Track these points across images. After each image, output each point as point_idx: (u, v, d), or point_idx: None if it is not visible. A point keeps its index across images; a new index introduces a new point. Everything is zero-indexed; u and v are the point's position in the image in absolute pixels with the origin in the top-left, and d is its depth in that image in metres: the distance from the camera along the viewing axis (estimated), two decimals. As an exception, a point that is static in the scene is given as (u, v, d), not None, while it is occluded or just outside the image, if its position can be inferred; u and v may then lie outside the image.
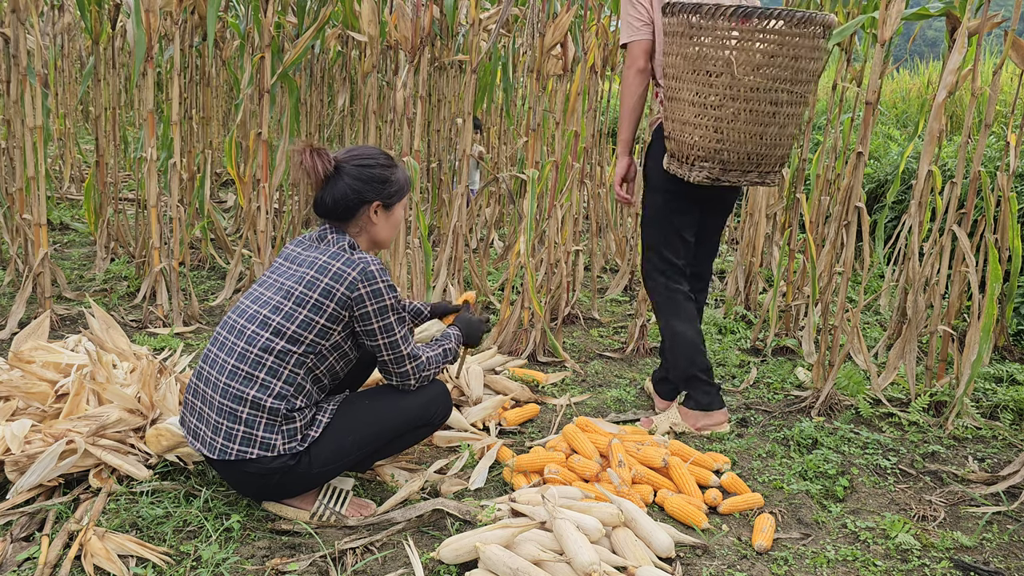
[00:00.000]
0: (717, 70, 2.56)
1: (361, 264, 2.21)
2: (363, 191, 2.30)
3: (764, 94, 2.58)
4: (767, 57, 2.54)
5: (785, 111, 2.64)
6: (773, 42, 2.53)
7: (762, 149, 2.68)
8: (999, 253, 3.48)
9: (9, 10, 3.77)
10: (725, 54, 2.53)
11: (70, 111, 8.38)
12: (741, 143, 2.65)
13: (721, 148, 2.65)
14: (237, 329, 2.22)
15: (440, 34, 5.33)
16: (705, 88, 2.60)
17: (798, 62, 2.57)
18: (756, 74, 2.55)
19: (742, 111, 2.59)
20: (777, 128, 2.66)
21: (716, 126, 2.63)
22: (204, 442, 2.20)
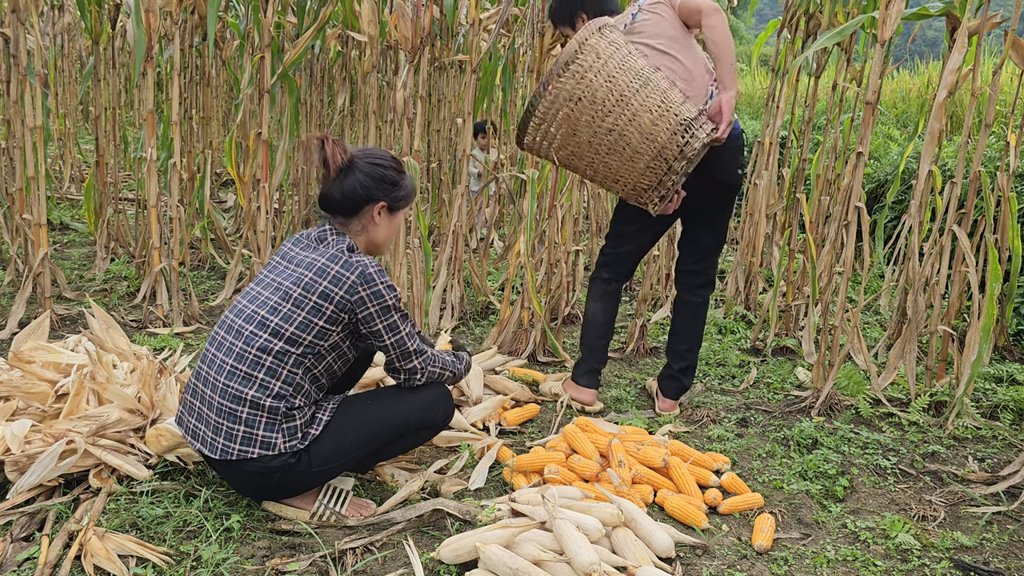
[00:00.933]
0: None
1: (359, 267, 2.22)
2: (372, 189, 2.31)
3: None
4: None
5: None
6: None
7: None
8: (999, 253, 3.48)
9: (9, 10, 3.77)
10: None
11: (70, 111, 8.38)
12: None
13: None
14: (235, 329, 2.22)
15: (440, 34, 5.33)
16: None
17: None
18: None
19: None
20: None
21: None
22: (204, 442, 2.20)
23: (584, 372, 3.21)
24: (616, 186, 2.83)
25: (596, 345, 3.20)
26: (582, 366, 3.23)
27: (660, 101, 2.66)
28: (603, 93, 2.67)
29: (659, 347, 4.10)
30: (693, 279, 3.18)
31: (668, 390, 3.25)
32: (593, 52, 2.67)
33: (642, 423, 3.09)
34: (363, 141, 6.22)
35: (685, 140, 2.64)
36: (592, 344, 3.21)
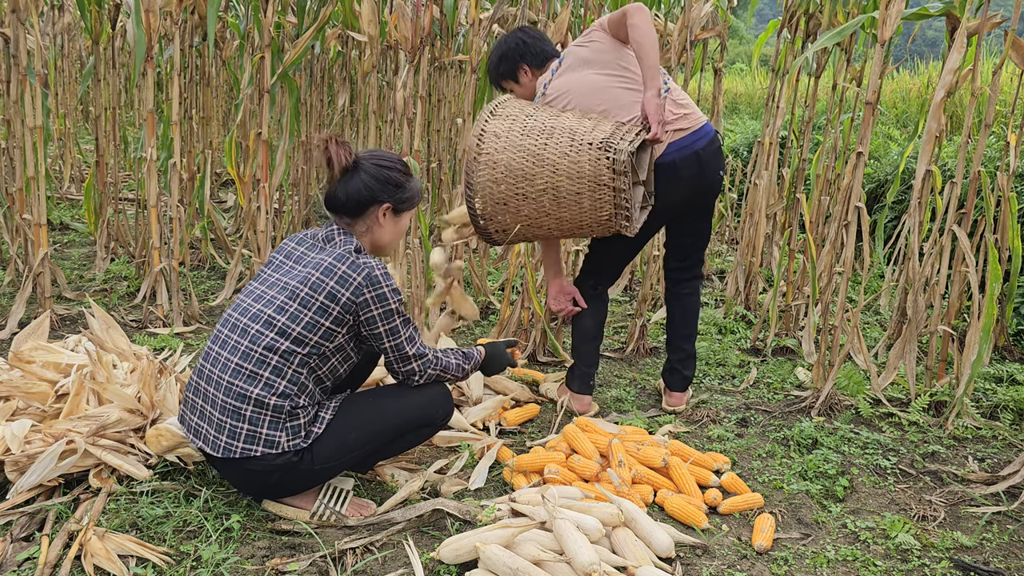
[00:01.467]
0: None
1: (366, 269, 2.22)
2: (377, 190, 2.32)
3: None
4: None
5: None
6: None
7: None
8: (999, 253, 3.48)
9: (9, 10, 3.77)
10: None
11: (70, 111, 8.38)
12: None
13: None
14: (240, 327, 2.22)
15: (440, 34, 5.33)
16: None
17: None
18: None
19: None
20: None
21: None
22: (207, 440, 2.20)
23: (576, 377, 3.20)
24: (585, 230, 2.86)
25: (586, 349, 3.20)
26: (574, 371, 3.22)
27: (570, 140, 2.69)
28: (519, 164, 2.73)
29: (659, 347, 4.10)
30: (681, 275, 3.22)
31: (673, 383, 3.27)
32: (492, 135, 2.78)
33: (642, 423, 3.09)
34: (363, 141, 6.23)
35: (610, 158, 2.63)
36: (582, 348, 3.20)
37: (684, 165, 2.85)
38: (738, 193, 7.48)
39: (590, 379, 3.21)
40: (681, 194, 2.91)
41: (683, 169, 2.85)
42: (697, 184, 2.93)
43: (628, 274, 5.20)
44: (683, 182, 2.87)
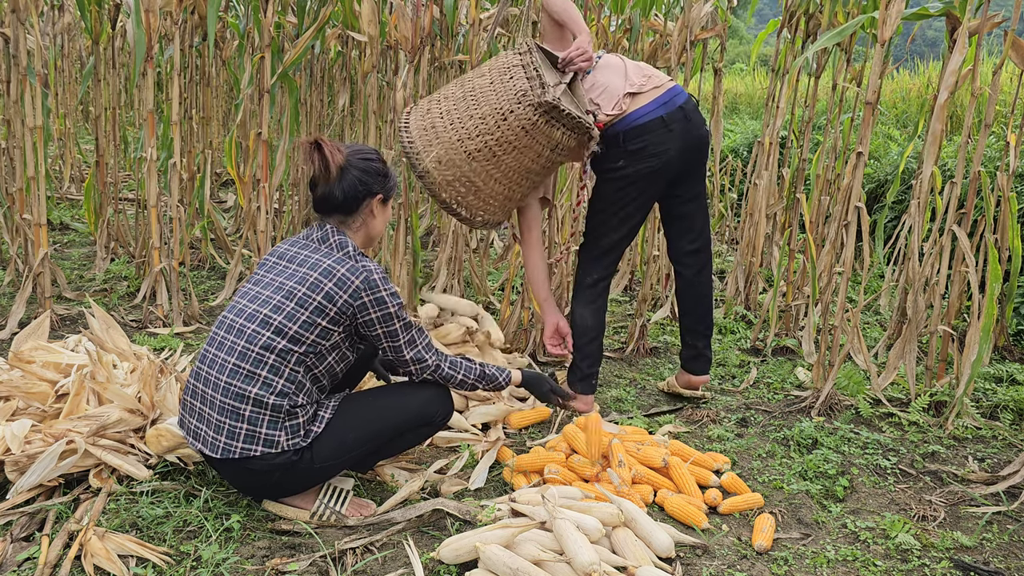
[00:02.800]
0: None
1: (364, 273, 2.23)
2: (369, 183, 2.35)
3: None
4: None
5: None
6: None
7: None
8: (999, 253, 3.49)
9: (9, 10, 3.77)
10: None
11: (70, 111, 8.37)
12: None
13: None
14: (236, 328, 2.22)
15: (440, 34, 5.33)
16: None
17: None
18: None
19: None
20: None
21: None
22: (206, 442, 2.20)
23: (579, 379, 3.16)
24: (545, 172, 2.93)
25: (589, 348, 3.16)
26: (576, 373, 3.18)
27: (493, 91, 2.80)
28: (447, 135, 2.82)
29: (659, 347, 4.10)
30: (694, 259, 3.17)
31: (700, 368, 3.27)
32: (408, 135, 2.87)
33: (642, 423, 3.09)
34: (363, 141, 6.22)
35: (537, 86, 2.72)
36: (585, 347, 3.16)
37: (671, 119, 2.88)
38: (738, 193, 7.48)
39: (593, 379, 3.19)
40: (676, 147, 2.91)
41: (672, 123, 2.88)
42: (688, 137, 2.93)
43: (628, 274, 5.20)
44: (675, 135, 2.89)
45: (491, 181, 2.87)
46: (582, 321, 3.16)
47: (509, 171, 2.85)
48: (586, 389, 3.17)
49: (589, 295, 3.14)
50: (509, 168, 2.84)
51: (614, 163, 2.93)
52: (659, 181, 2.97)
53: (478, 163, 2.81)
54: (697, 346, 3.26)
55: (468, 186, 2.86)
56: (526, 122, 2.73)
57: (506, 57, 2.84)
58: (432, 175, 2.84)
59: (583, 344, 3.16)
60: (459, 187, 2.87)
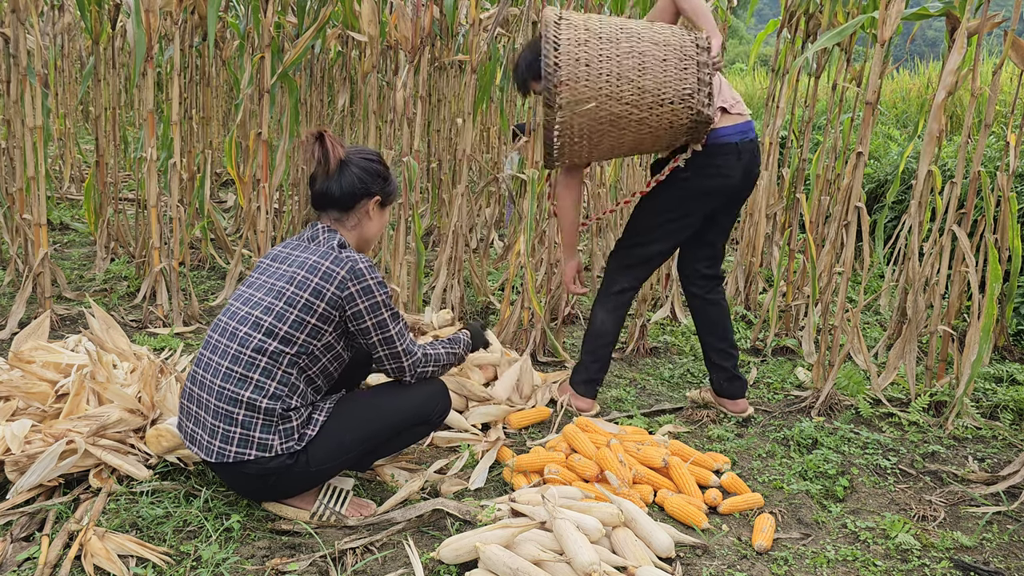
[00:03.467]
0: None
1: (349, 263, 2.22)
2: (369, 183, 2.35)
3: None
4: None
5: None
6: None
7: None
8: (999, 253, 3.48)
9: (9, 10, 3.77)
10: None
11: (70, 111, 8.37)
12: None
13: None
14: (229, 332, 2.22)
15: (440, 34, 5.33)
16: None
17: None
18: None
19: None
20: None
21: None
22: (202, 446, 2.20)
23: (583, 380, 3.17)
24: (640, 152, 2.83)
25: (602, 354, 3.16)
26: (583, 373, 3.18)
27: (663, 70, 2.69)
28: (601, 104, 2.68)
29: (659, 347, 4.10)
30: (711, 282, 3.16)
31: (737, 391, 3.21)
32: (556, 53, 2.68)
33: (642, 423, 3.09)
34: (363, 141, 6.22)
35: (704, 96, 2.70)
36: (597, 353, 3.16)
37: (744, 149, 2.89)
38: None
39: (597, 384, 3.19)
40: (739, 176, 2.92)
41: (743, 153, 2.89)
42: (749, 171, 2.95)
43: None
44: (741, 165, 2.90)
45: (604, 140, 2.77)
46: (601, 326, 3.13)
47: (624, 142, 2.79)
48: (589, 392, 3.17)
49: (613, 302, 3.12)
50: (627, 140, 2.77)
51: (683, 171, 2.91)
52: (712, 203, 2.97)
53: (609, 125, 2.72)
54: (727, 367, 3.18)
55: (583, 136, 2.75)
56: (676, 120, 2.70)
57: (684, 40, 2.70)
58: (563, 111, 2.68)
59: (596, 347, 3.15)
60: (575, 132, 2.74)
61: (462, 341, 2.60)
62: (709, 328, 3.19)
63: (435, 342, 2.52)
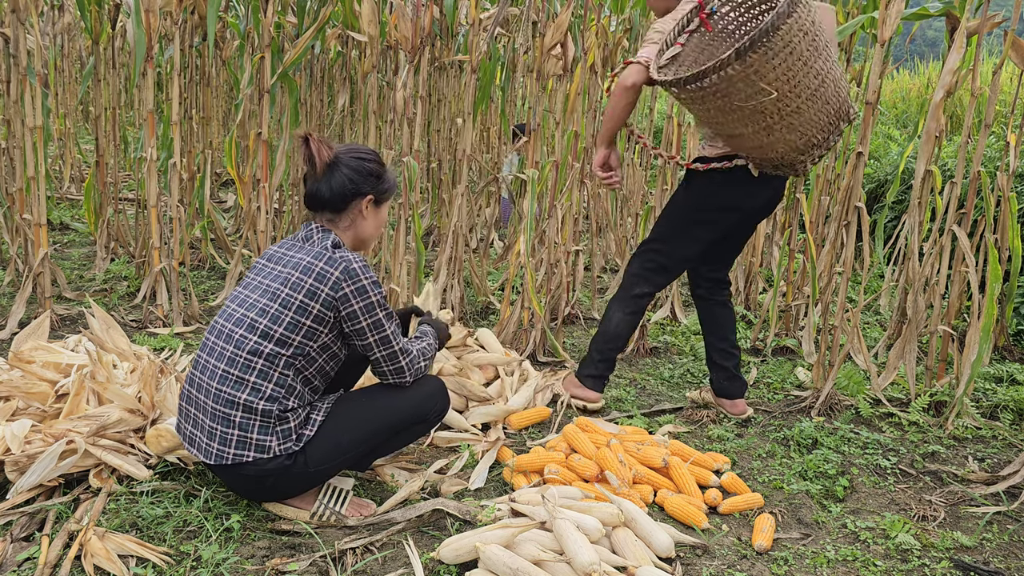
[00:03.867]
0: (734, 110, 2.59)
1: (343, 263, 2.21)
2: (360, 183, 2.31)
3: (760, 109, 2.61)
4: (743, 93, 2.57)
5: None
6: (741, 81, 2.55)
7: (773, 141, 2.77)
8: (999, 253, 3.49)
9: (9, 10, 3.77)
10: (728, 103, 2.57)
11: (70, 111, 8.37)
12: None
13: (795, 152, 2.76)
14: (225, 334, 2.21)
15: (440, 34, 5.33)
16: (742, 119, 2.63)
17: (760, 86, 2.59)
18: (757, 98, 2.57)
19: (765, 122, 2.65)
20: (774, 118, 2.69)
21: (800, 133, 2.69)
22: (201, 448, 2.20)
23: (590, 375, 3.16)
24: (792, 136, 2.68)
25: (610, 356, 3.16)
26: (590, 369, 3.17)
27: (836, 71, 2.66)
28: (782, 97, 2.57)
29: (659, 347, 4.10)
30: (719, 285, 3.17)
31: (736, 390, 3.21)
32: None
33: (642, 423, 3.09)
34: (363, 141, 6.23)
35: (849, 106, 2.72)
36: (606, 354, 3.15)
37: (776, 179, 2.92)
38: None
39: (604, 380, 3.20)
40: (763, 201, 2.96)
41: (775, 181, 2.93)
42: (772, 198, 2.98)
43: (628, 274, 5.19)
44: (769, 192, 2.93)
45: (727, 115, 2.65)
46: (616, 328, 3.11)
47: (734, 130, 2.69)
48: (596, 386, 3.18)
49: (632, 306, 3.09)
50: (737, 130, 2.68)
51: (718, 178, 2.89)
52: (732, 218, 2.96)
53: (749, 110, 2.58)
54: (727, 367, 3.18)
55: (723, 95, 2.60)
56: (785, 154, 2.70)
57: (844, 103, 2.69)
58: (738, 68, 2.47)
59: (607, 349, 3.14)
60: (723, 89, 2.56)
61: (431, 333, 2.60)
62: (712, 328, 3.19)
63: (411, 339, 2.51)
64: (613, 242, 5.89)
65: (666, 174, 4.36)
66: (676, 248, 3.04)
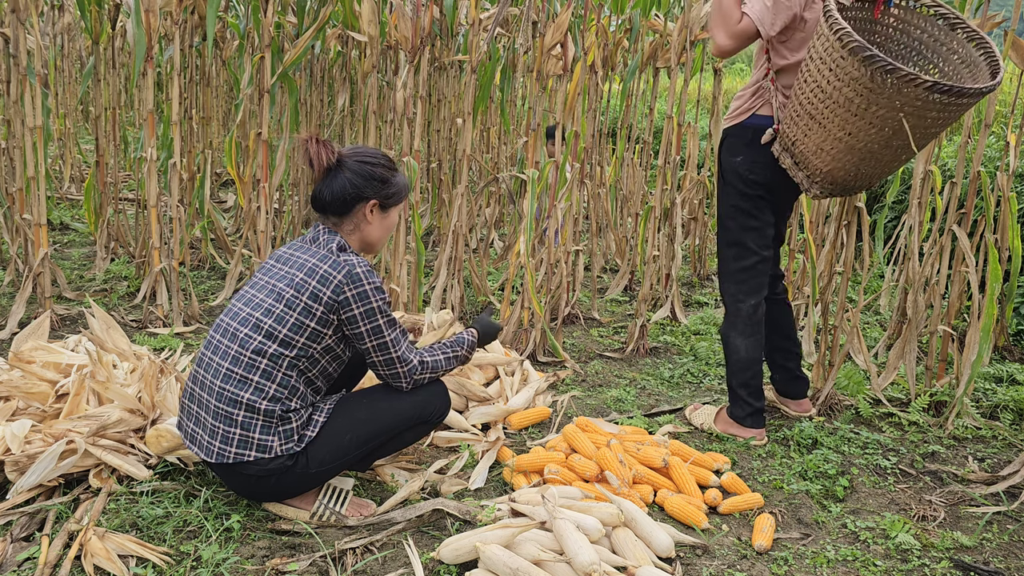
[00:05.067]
0: (881, 124, 2.45)
1: (347, 267, 2.20)
2: (362, 187, 2.30)
3: (913, 141, 2.51)
4: (936, 121, 2.45)
5: (910, 155, 2.61)
6: (949, 110, 2.43)
7: (883, 174, 2.70)
8: (999, 253, 3.49)
9: (9, 10, 3.77)
10: (899, 116, 2.42)
11: (70, 111, 8.37)
12: (870, 176, 2.66)
13: (850, 179, 2.65)
14: (230, 332, 2.21)
15: (440, 34, 5.33)
16: (860, 133, 2.49)
17: (948, 122, 2.51)
18: (919, 134, 2.47)
19: (888, 155, 2.56)
20: (905, 158, 2.64)
21: (857, 164, 2.58)
22: (201, 446, 2.20)
23: (749, 414, 2.96)
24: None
25: (754, 384, 2.95)
26: (744, 408, 2.96)
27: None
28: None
29: (659, 347, 4.10)
30: (774, 280, 3.09)
31: (801, 390, 3.17)
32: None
33: (642, 423, 3.09)
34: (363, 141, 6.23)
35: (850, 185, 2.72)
36: (750, 384, 2.94)
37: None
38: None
39: (763, 411, 2.99)
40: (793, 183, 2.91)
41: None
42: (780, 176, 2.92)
43: (628, 274, 5.20)
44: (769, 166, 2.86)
45: (818, 122, 2.57)
46: (746, 354, 2.93)
47: (810, 126, 2.61)
48: (756, 422, 2.98)
49: (744, 324, 2.93)
50: (813, 129, 2.61)
51: (742, 162, 2.84)
52: (795, 189, 2.89)
53: (839, 108, 2.49)
54: (789, 367, 3.14)
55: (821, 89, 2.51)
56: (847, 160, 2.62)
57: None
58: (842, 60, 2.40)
59: (747, 379, 2.94)
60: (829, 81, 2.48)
61: (466, 341, 2.54)
62: (772, 327, 3.10)
63: (435, 346, 2.48)
64: (613, 242, 5.89)
65: (666, 174, 4.36)
66: (757, 245, 2.94)
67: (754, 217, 2.87)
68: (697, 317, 4.51)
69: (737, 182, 2.86)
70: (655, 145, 7.97)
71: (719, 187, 2.97)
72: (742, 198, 2.87)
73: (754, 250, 2.89)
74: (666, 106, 4.24)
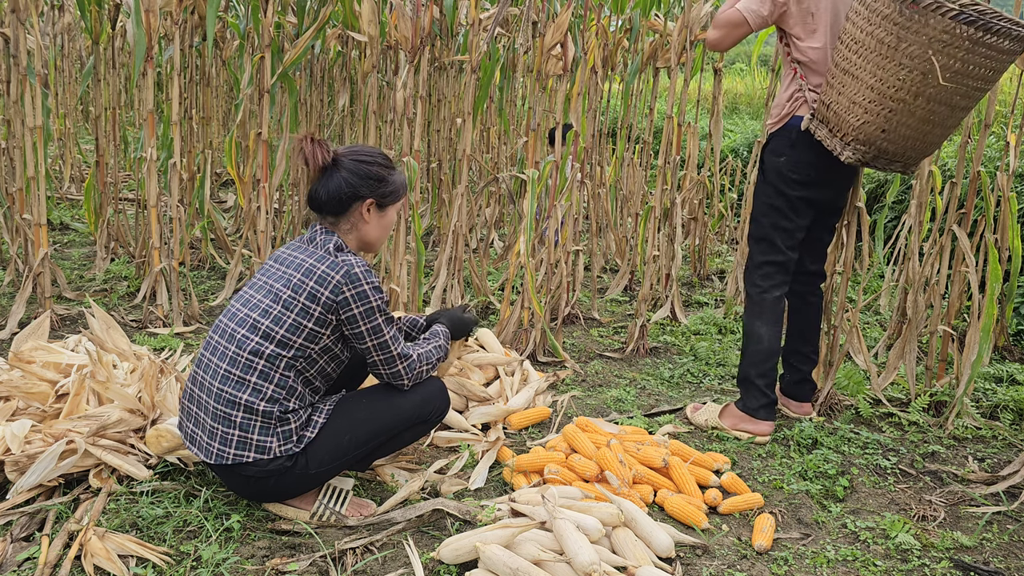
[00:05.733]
0: (912, 65, 2.42)
1: (345, 267, 2.20)
2: (358, 187, 2.29)
3: (947, 97, 2.47)
4: (967, 66, 2.42)
5: (957, 114, 2.56)
6: (980, 54, 2.39)
7: (922, 145, 2.64)
8: (999, 253, 3.48)
9: (9, 10, 3.77)
10: (928, 54, 2.39)
11: (70, 111, 8.37)
12: (906, 138, 2.59)
13: (884, 138, 2.59)
14: (228, 333, 2.21)
15: (440, 34, 5.33)
16: (891, 78, 2.47)
17: (993, 74, 2.46)
18: (952, 79, 2.43)
19: (920, 109, 2.51)
20: (942, 129, 2.59)
21: (888, 117, 2.54)
22: (201, 447, 2.20)
23: (762, 406, 2.97)
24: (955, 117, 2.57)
25: (773, 375, 2.98)
26: (759, 398, 2.97)
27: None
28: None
29: (659, 347, 4.10)
30: (816, 279, 3.12)
31: (806, 394, 3.18)
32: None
33: (642, 423, 3.09)
34: (363, 141, 6.23)
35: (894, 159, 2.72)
36: (769, 375, 2.97)
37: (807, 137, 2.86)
38: (738, 193, 7.48)
39: (775, 406, 3.02)
40: (841, 181, 2.96)
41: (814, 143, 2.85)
42: (857, 171, 2.99)
43: (628, 274, 5.20)
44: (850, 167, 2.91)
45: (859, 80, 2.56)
46: (769, 344, 2.96)
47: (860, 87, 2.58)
48: (769, 415, 2.99)
49: (775, 309, 2.96)
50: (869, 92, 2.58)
51: (779, 156, 2.88)
52: (840, 185, 2.93)
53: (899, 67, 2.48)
54: (802, 370, 3.15)
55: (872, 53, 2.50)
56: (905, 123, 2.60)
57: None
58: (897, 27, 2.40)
59: (767, 369, 2.97)
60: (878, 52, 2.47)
61: (441, 333, 2.56)
62: (797, 330, 3.13)
63: (418, 341, 2.50)
64: (613, 242, 5.89)
65: (666, 174, 4.36)
66: (788, 239, 2.98)
67: (787, 218, 2.92)
68: (697, 317, 4.50)
69: (778, 181, 2.90)
70: (655, 145, 7.97)
71: (758, 184, 3.02)
72: (779, 197, 2.91)
73: (781, 248, 2.95)
74: (666, 106, 4.24)
